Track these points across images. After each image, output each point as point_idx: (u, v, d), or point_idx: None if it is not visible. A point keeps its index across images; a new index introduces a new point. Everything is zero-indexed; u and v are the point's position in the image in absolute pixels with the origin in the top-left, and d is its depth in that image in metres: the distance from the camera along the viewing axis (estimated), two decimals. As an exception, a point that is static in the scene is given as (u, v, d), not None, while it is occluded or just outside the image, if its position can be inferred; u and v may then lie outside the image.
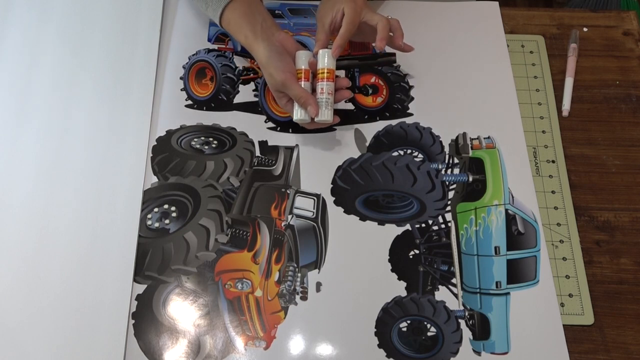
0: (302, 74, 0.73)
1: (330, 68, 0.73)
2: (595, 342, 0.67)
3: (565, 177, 0.77)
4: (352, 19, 0.72)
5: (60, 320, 0.66)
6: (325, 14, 0.74)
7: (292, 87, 0.71)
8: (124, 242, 0.71)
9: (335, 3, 0.73)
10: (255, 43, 0.73)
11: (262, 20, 0.74)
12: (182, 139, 0.79)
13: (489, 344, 0.66)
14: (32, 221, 0.72)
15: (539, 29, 0.91)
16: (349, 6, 0.72)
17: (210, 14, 0.78)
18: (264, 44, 0.72)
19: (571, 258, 0.72)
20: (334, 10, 0.73)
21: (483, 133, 0.80)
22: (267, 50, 0.72)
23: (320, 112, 0.72)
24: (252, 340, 0.66)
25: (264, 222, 0.73)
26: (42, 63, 0.83)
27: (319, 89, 0.73)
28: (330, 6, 0.73)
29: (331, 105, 0.73)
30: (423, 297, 0.69)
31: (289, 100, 0.74)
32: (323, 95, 0.72)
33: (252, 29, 0.73)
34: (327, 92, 0.72)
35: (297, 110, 0.73)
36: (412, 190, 0.75)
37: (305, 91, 0.72)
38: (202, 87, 0.84)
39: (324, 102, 0.72)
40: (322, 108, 0.72)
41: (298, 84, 0.72)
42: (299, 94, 0.71)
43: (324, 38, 0.74)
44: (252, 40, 0.73)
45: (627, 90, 0.85)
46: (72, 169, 0.75)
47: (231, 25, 0.76)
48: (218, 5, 0.76)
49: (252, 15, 0.74)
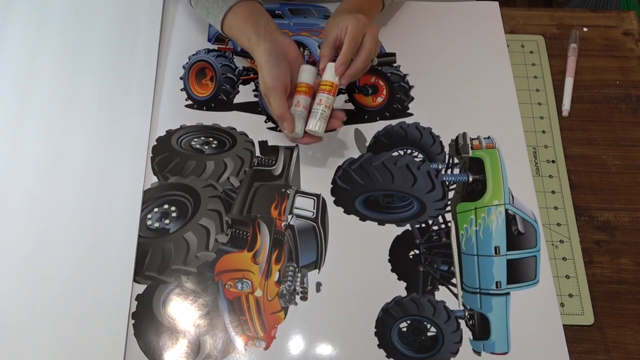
0: (305, 88, 0.72)
1: (333, 82, 0.71)
2: (595, 342, 0.67)
3: (565, 177, 0.77)
4: (353, 36, 0.71)
5: (60, 320, 0.66)
6: (330, 31, 0.73)
7: (275, 98, 0.70)
8: (124, 242, 0.71)
9: (340, 20, 0.72)
10: (258, 44, 0.73)
11: (265, 23, 0.74)
12: (182, 139, 0.79)
13: (489, 344, 0.66)
14: (32, 221, 0.72)
15: (539, 29, 0.91)
16: (352, 23, 0.71)
17: (211, 20, 0.78)
18: (265, 46, 0.72)
19: (571, 258, 0.72)
20: (339, 28, 0.72)
21: (483, 133, 0.80)
22: (267, 53, 0.71)
23: (311, 122, 0.71)
24: (252, 340, 0.66)
25: (264, 222, 0.73)
26: (42, 63, 0.83)
27: (318, 99, 0.71)
28: (336, 23, 0.73)
29: (325, 119, 0.71)
30: (423, 297, 0.69)
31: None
32: (320, 106, 0.71)
33: (255, 32, 0.73)
34: (325, 104, 0.71)
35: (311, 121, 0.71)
36: (412, 190, 0.75)
37: (285, 107, 0.70)
38: (202, 87, 0.84)
39: (319, 112, 0.71)
40: (315, 118, 0.70)
41: (283, 97, 0.70)
42: (277, 107, 0.70)
43: (329, 53, 0.73)
44: (255, 42, 0.73)
45: (627, 90, 0.85)
46: (72, 169, 0.75)
47: (234, 29, 0.76)
48: (220, 10, 0.75)
49: (254, 18, 0.74)
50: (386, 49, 0.87)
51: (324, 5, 0.91)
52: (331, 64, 0.71)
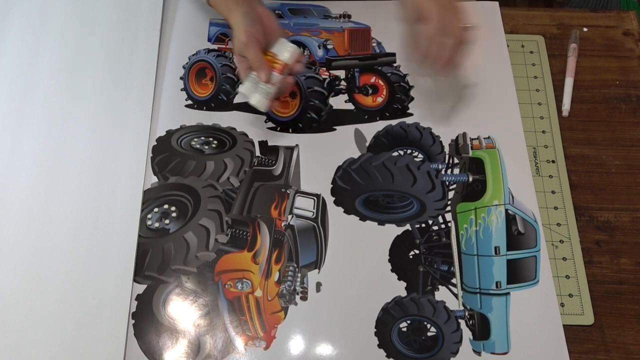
0: (279, 66, 0.72)
1: (284, 62, 0.72)
2: (595, 342, 0.67)
3: (565, 177, 0.77)
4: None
5: (60, 320, 0.66)
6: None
7: (251, 50, 0.71)
8: (124, 242, 0.71)
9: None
10: (235, 10, 0.73)
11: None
12: (182, 139, 0.79)
13: (489, 344, 0.66)
14: (32, 221, 0.72)
15: (539, 29, 0.91)
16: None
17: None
18: (241, 10, 0.73)
19: (571, 258, 0.72)
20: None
21: (483, 133, 0.80)
22: (242, 16, 0.72)
23: (254, 97, 0.72)
24: (252, 340, 0.66)
25: (264, 222, 0.73)
26: (42, 63, 0.83)
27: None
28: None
29: (267, 95, 0.72)
30: (423, 297, 0.69)
31: (247, 68, 0.73)
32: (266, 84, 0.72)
33: (235, 2, 0.74)
34: (272, 81, 0.71)
35: (254, 95, 0.72)
36: (412, 190, 0.75)
37: (262, 59, 0.71)
38: (202, 87, 0.84)
39: (265, 89, 0.72)
40: (260, 94, 0.72)
41: (259, 50, 0.71)
42: (255, 58, 0.71)
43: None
44: (234, 8, 0.73)
45: (627, 90, 0.85)
46: (72, 169, 0.75)
47: (217, 1, 0.77)
48: None
49: None
50: (386, 49, 0.87)
51: (324, 5, 0.91)
52: (283, 41, 0.72)
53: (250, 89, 0.72)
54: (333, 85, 0.84)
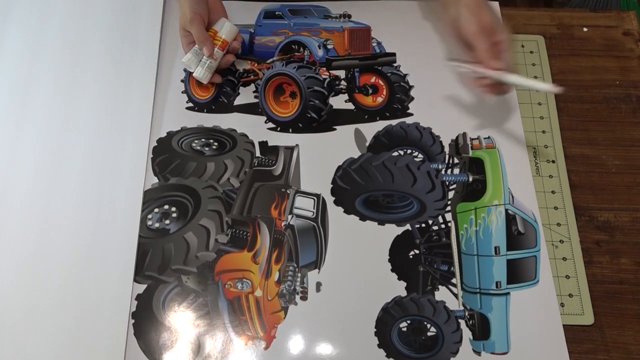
0: (220, 42, 0.80)
1: (224, 39, 0.80)
2: (595, 342, 0.67)
3: (565, 177, 0.77)
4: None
5: (61, 320, 0.66)
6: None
7: (197, 28, 0.78)
8: (125, 242, 0.71)
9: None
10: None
11: None
12: (183, 140, 0.79)
13: (489, 344, 0.66)
14: (32, 221, 0.72)
15: (539, 29, 0.91)
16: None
17: None
18: None
19: (571, 258, 0.72)
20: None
21: (483, 133, 0.80)
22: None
23: (196, 70, 0.79)
24: (252, 340, 0.66)
25: (264, 222, 0.73)
26: (42, 63, 0.83)
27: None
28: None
29: (210, 69, 0.79)
30: (423, 297, 0.69)
31: (190, 43, 0.80)
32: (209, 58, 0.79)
33: None
34: (214, 57, 0.79)
35: (197, 68, 0.79)
36: (412, 190, 0.75)
37: (206, 35, 0.78)
38: (203, 90, 0.84)
39: (206, 63, 0.79)
40: (202, 67, 0.79)
41: (203, 27, 0.78)
42: (200, 34, 0.78)
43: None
44: None
45: (627, 90, 0.85)
46: (72, 169, 0.75)
47: None
48: None
49: None
50: (386, 49, 0.87)
51: (324, 5, 0.91)
52: (224, 20, 0.81)
53: (193, 61, 0.79)
54: (333, 85, 0.84)
